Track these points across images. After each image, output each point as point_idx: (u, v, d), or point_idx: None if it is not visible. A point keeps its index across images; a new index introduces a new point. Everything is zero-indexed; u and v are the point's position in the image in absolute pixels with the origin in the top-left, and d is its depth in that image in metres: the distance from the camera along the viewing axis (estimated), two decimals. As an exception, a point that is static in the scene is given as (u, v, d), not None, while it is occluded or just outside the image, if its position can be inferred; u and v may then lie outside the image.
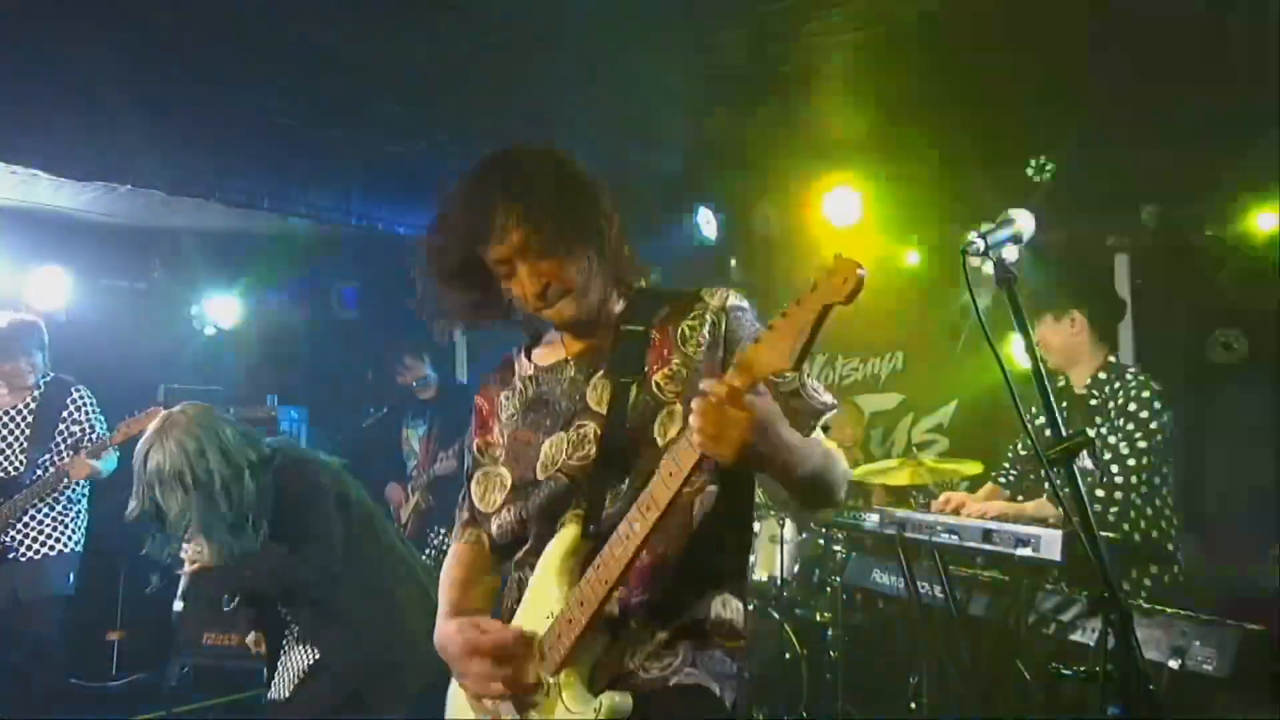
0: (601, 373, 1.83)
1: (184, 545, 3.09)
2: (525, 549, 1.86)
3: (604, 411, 1.79)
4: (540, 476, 1.82)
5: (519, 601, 1.84)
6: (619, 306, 1.90)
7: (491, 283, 1.84)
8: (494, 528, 1.90)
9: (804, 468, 1.65)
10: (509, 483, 1.89)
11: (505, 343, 2.06)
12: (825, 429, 1.82)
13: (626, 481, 1.75)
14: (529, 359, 1.97)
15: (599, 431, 1.78)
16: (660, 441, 1.74)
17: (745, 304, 1.85)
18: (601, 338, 1.87)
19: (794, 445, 1.61)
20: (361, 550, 3.16)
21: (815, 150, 5.22)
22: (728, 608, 1.81)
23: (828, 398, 1.81)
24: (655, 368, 1.80)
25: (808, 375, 1.79)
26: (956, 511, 3.73)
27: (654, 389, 1.78)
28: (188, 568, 3.12)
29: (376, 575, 3.19)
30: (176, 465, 2.88)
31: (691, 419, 1.51)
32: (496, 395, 1.99)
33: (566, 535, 1.77)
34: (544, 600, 1.76)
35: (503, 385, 1.99)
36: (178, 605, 3.30)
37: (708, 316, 1.81)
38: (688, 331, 1.81)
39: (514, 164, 1.81)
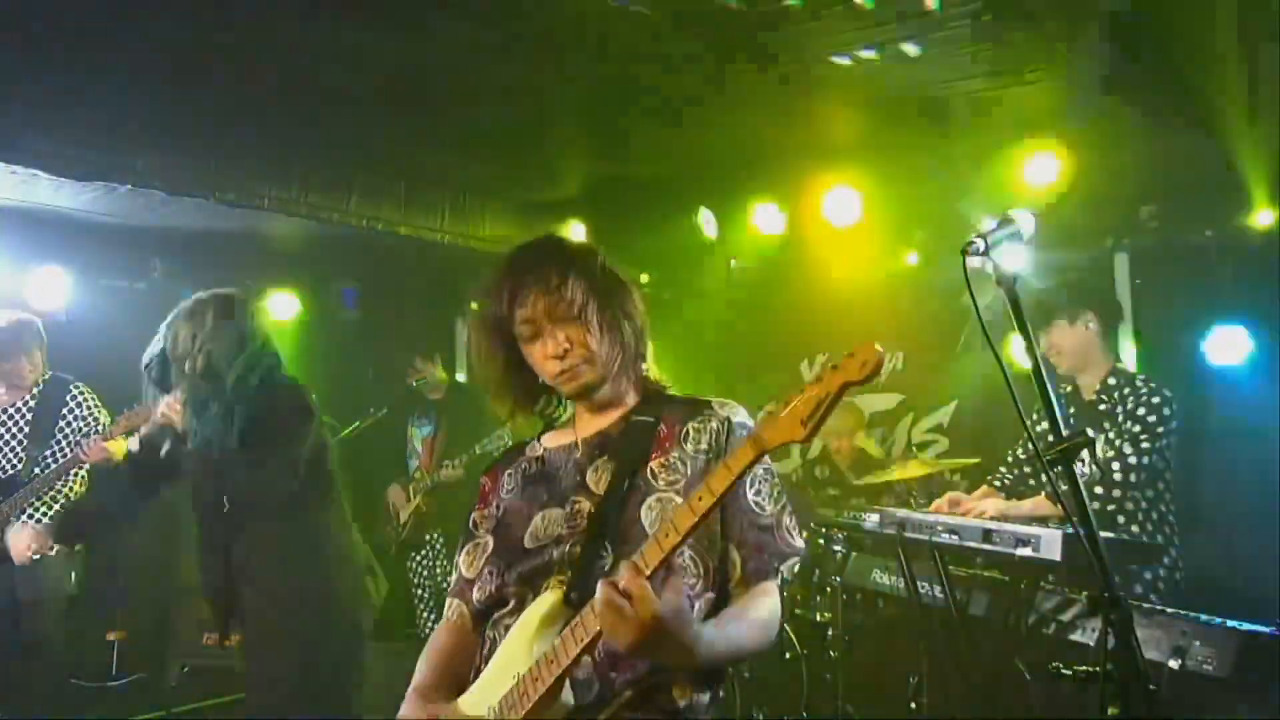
0: (606, 457, 1.90)
1: (166, 398, 3.21)
2: (504, 610, 1.87)
3: (600, 492, 1.85)
4: (529, 545, 1.87)
5: (488, 660, 1.84)
6: (632, 400, 1.98)
7: (518, 352, 1.94)
8: (475, 591, 1.93)
9: (710, 659, 1.67)
10: (491, 546, 1.95)
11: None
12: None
13: (611, 560, 1.77)
14: (540, 442, 2.05)
15: (591, 509, 1.84)
16: (647, 525, 1.78)
17: (751, 423, 1.91)
18: (609, 424, 1.95)
19: (699, 648, 1.62)
20: (317, 509, 3.21)
21: (815, 150, 5.22)
22: (699, 689, 1.79)
23: (798, 543, 1.88)
24: (655, 455, 1.86)
25: (789, 515, 1.88)
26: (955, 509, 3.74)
27: (649, 474, 1.84)
28: (159, 416, 3.22)
29: (323, 542, 3.22)
30: (193, 330, 3.13)
31: (599, 596, 1.56)
32: (501, 473, 2.05)
33: (547, 600, 1.77)
34: (513, 661, 1.75)
35: (509, 465, 2.06)
36: (133, 445, 3.39)
37: (713, 425, 1.89)
38: (692, 432, 1.88)
39: (555, 242, 1.99)
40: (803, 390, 1.57)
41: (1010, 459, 4.09)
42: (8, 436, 4.46)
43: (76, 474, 4.55)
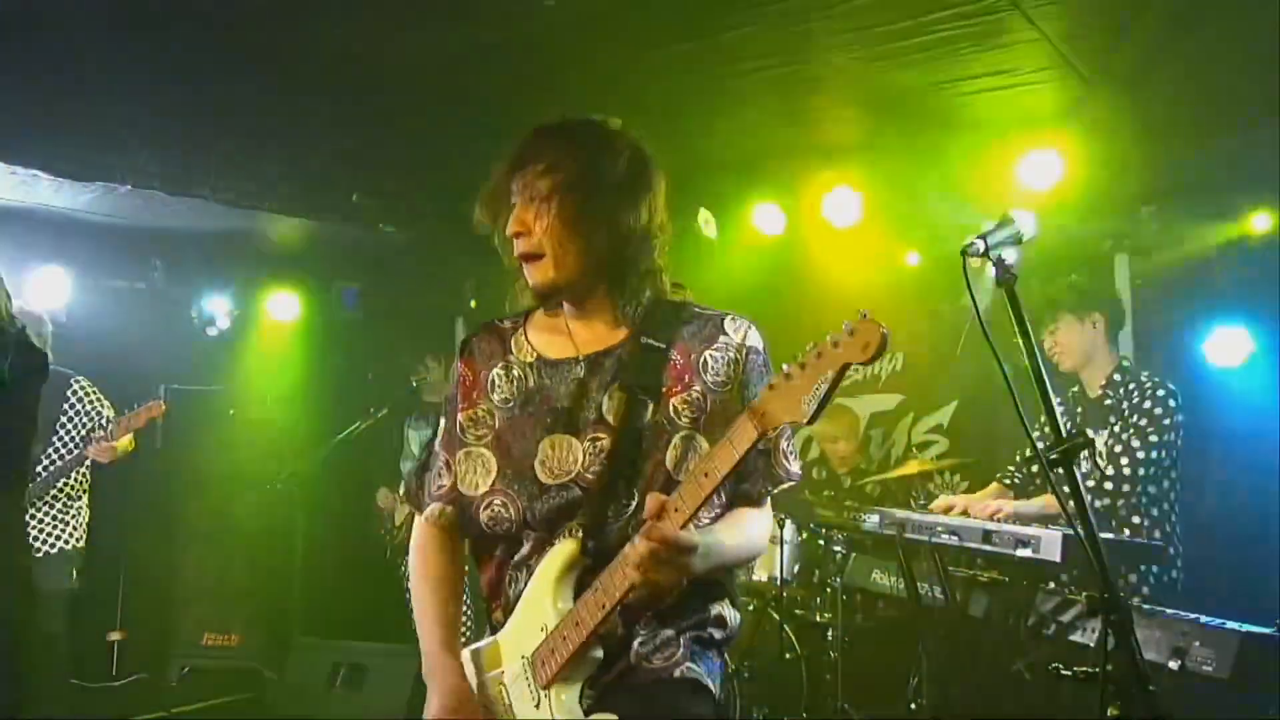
0: (618, 385, 1.79)
1: None
2: (525, 551, 1.82)
3: (617, 425, 1.76)
4: (548, 481, 1.78)
5: (513, 609, 1.83)
6: (627, 324, 1.85)
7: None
8: (483, 517, 1.83)
9: (723, 566, 1.78)
10: (494, 469, 1.83)
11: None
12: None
13: (633, 503, 1.74)
14: (529, 342, 1.90)
15: (610, 445, 1.76)
16: (671, 467, 1.74)
17: (762, 345, 1.86)
18: (617, 343, 1.83)
19: (720, 564, 1.74)
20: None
21: (815, 150, 5.22)
22: (727, 611, 1.85)
23: (794, 469, 1.86)
24: (674, 390, 1.78)
25: (787, 440, 1.85)
26: (963, 514, 3.73)
27: (671, 412, 1.77)
28: None
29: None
30: None
31: (634, 548, 1.58)
32: (484, 369, 1.90)
33: (563, 550, 1.75)
34: (538, 613, 1.75)
35: (491, 359, 1.90)
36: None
37: (731, 354, 1.82)
38: (710, 361, 1.81)
39: (586, 121, 1.85)
40: (801, 363, 1.53)
41: (1019, 458, 4.09)
42: (7, 435, 4.45)
43: (79, 473, 4.55)
